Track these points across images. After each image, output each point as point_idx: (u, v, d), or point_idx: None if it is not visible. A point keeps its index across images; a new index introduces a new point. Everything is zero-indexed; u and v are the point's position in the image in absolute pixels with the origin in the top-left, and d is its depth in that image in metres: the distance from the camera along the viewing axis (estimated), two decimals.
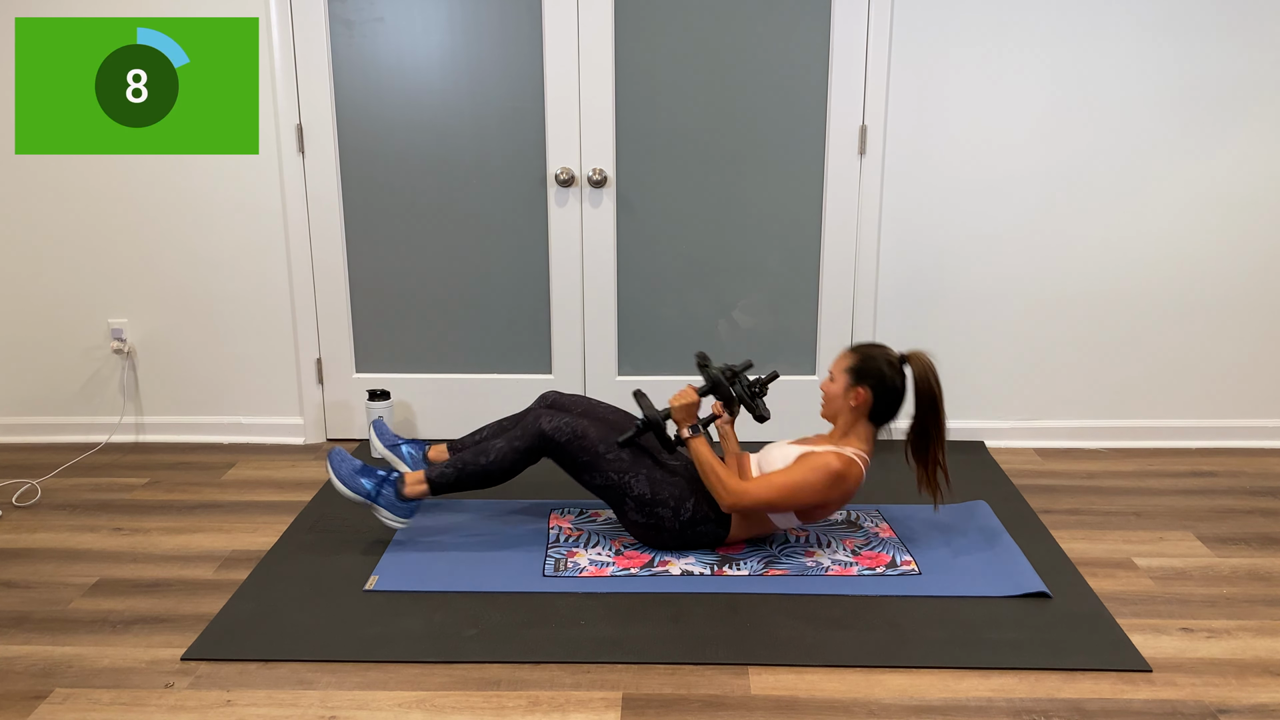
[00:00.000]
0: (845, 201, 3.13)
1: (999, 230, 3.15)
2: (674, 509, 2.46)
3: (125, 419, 3.39)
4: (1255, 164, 3.08)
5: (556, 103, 3.06)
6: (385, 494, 2.50)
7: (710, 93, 3.06)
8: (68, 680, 2.04)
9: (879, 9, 2.97)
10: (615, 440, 2.46)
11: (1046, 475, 3.09)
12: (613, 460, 2.45)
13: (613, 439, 2.46)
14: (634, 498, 2.45)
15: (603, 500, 2.54)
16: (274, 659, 2.11)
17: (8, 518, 2.82)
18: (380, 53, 3.06)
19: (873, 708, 1.94)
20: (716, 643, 2.15)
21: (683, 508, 2.46)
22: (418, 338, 3.30)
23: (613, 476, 2.45)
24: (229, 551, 2.60)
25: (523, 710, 1.94)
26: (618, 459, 2.44)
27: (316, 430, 3.38)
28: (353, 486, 2.50)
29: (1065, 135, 3.07)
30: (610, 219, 3.16)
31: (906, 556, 2.52)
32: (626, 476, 2.44)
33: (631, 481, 2.45)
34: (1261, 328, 3.22)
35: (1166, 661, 2.09)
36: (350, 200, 3.19)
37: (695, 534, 2.49)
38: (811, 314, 3.24)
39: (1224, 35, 2.98)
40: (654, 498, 2.45)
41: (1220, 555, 2.56)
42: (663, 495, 2.45)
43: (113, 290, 3.28)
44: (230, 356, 3.33)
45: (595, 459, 2.44)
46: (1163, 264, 3.17)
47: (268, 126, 3.10)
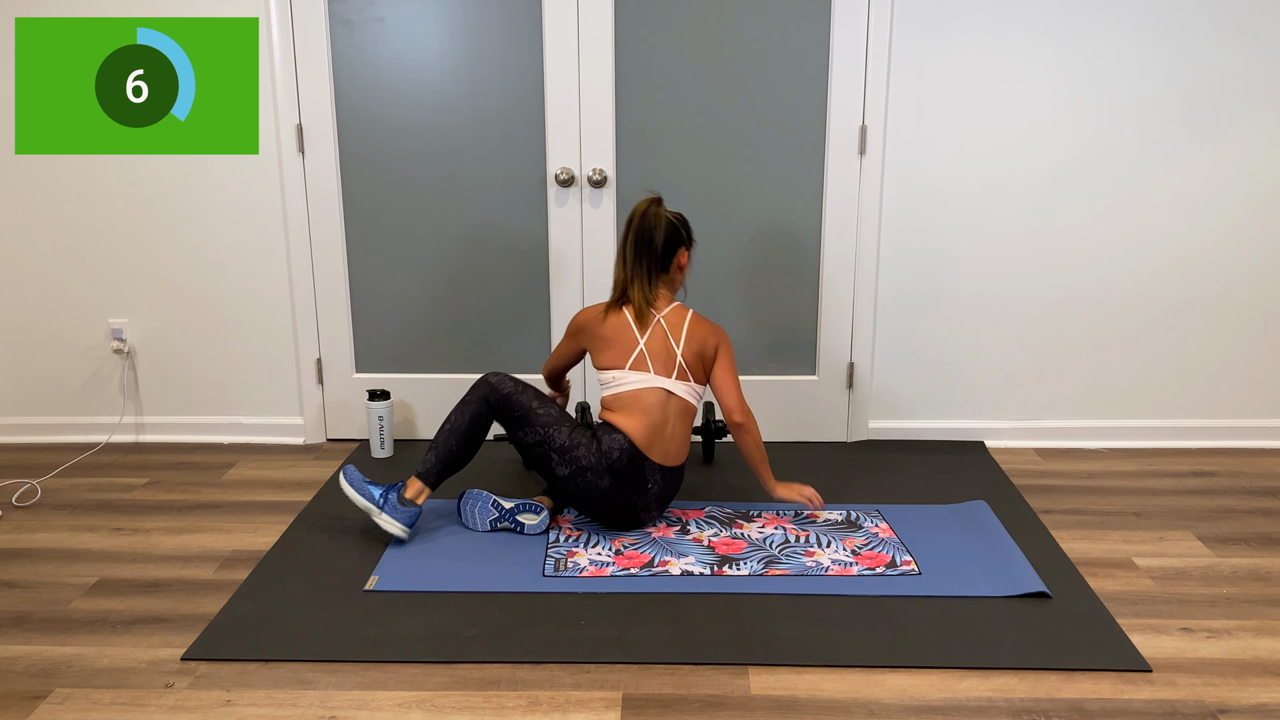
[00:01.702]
0: (845, 201, 3.13)
1: (999, 230, 3.15)
2: (592, 451, 2.58)
3: (125, 419, 3.39)
4: (1255, 164, 3.08)
5: (556, 103, 3.06)
6: (390, 499, 2.58)
7: (710, 92, 3.06)
8: (68, 680, 2.04)
9: (879, 9, 2.97)
10: (546, 399, 2.66)
11: (1046, 475, 3.09)
12: (542, 415, 2.60)
13: (544, 399, 2.65)
14: (557, 449, 2.57)
15: (533, 464, 2.68)
16: (274, 659, 2.11)
17: (8, 518, 2.82)
18: (380, 53, 3.06)
19: (873, 708, 1.94)
20: (716, 643, 2.15)
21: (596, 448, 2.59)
22: (418, 338, 3.30)
23: (539, 431, 2.59)
24: (229, 551, 2.60)
25: (523, 710, 1.94)
26: (546, 414, 2.61)
27: (316, 430, 3.38)
28: (361, 492, 2.59)
29: (1065, 135, 3.07)
30: (610, 219, 3.16)
31: (906, 556, 2.52)
32: (551, 430, 2.59)
33: (554, 434, 2.58)
34: (1262, 328, 3.22)
35: (1166, 661, 2.09)
36: (350, 200, 3.19)
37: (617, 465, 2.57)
38: (811, 314, 3.24)
39: (1223, 36, 2.98)
40: (573, 444, 2.58)
41: (1220, 555, 2.56)
42: (579, 439, 2.59)
43: (113, 290, 3.28)
44: (230, 356, 3.33)
45: (528, 413, 2.60)
46: (1163, 264, 3.17)
47: (268, 126, 3.10)
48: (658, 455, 2.59)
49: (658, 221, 2.61)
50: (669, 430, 2.60)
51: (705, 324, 2.65)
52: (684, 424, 2.64)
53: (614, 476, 2.55)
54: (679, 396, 2.61)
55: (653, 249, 2.61)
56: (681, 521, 2.73)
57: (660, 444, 2.59)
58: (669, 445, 2.61)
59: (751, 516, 2.76)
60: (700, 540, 2.61)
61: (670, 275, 2.67)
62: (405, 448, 3.30)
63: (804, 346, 3.28)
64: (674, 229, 2.64)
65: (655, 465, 2.59)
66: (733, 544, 2.59)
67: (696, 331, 2.63)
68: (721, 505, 2.84)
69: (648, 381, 2.60)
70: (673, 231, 2.63)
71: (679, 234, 2.65)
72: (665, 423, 2.59)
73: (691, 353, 2.61)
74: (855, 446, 3.30)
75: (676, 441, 2.62)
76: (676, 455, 2.63)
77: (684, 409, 2.63)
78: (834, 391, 3.30)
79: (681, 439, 2.64)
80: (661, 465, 2.60)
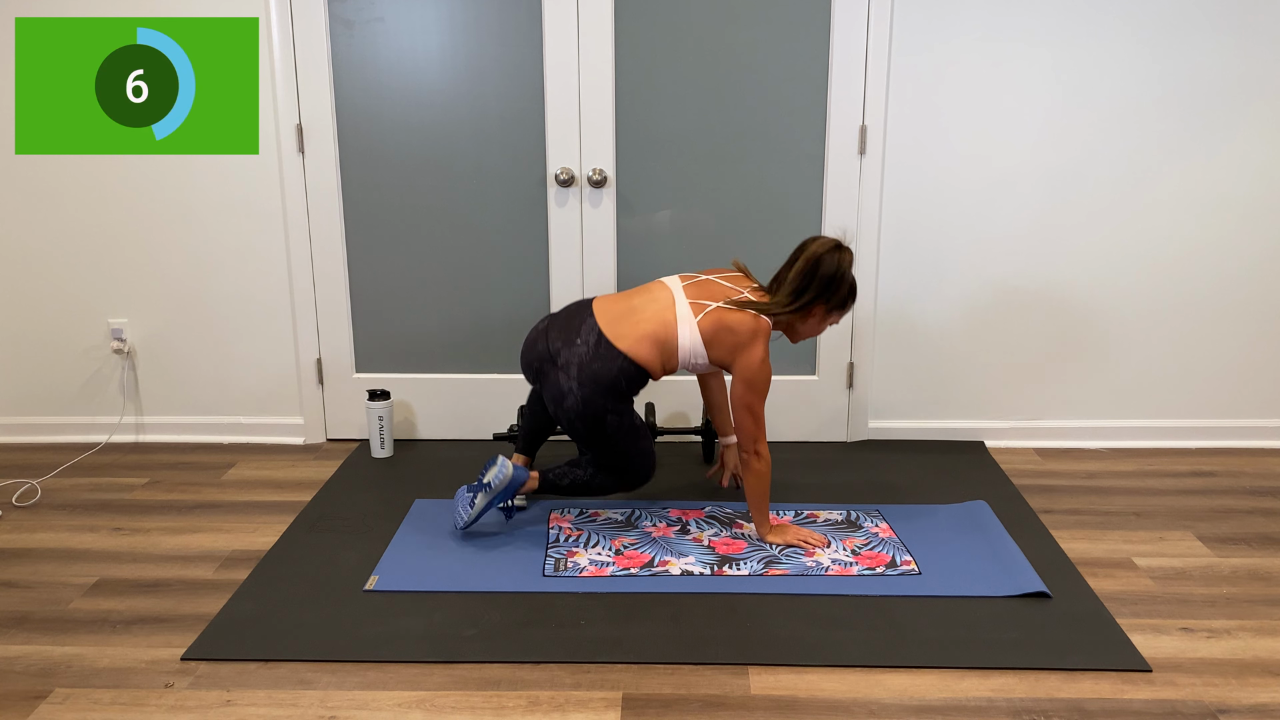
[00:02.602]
0: (845, 201, 3.13)
1: (999, 230, 3.15)
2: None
3: (125, 419, 3.39)
4: (1255, 164, 3.08)
5: (556, 103, 3.06)
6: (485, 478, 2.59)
7: (710, 92, 3.06)
8: (68, 680, 2.04)
9: (879, 9, 2.97)
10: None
11: (1046, 475, 3.09)
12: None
13: None
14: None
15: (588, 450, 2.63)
16: (274, 659, 2.11)
17: (8, 518, 2.82)
18: (380, 53, 3.06)
19: (873, 708, 1.94)
20: (716, 643, 2.15)
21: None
22: (418, 338, 3.30)
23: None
24: (229, 551, 2.60)
25: (523, 710, 1.94)
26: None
27: (316, 430, 3.38)
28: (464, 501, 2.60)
29: (1065, 135, 3.07)
30: (610, 219, 3.16)
31: (906, 556, 2.52)
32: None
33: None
34: (1261, 328, 3.22)
35: (1166, 661, 2.09)
36: (350, 200, 3.19)
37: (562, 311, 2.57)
38: None
39: (1224, 35, 2.98)
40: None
41: (1220, 555, 2.56)
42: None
43: (113, 290, 3.28)
44: (230, 356, 3.33)
45: None
46: (1163, 264, 3.17)
47: (268, 126, 3.10)
48: (607, 326, 2.49)
49: (837, 263, 2.46)
50: (639, 318, 2.50)
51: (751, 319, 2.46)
52: (658, 328, 2.48)
53: (552, 319, 2.57)
54: (675, 312, 2.48)
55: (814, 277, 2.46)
56: (681, 521, 2.73)
57: (624, 325, 2.49)
58: (628, 328, 2.49)
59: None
60: (700, 540, 2.61)
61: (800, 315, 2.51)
62: (405, 448, 3.29)
63: (804, 346, 3.28)
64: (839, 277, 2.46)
65: (595, 326, 2.49)
66: (733, 544, 2.59)
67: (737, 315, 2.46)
68: (721, 505, 2.84)
69: (664, 282, 2.57)
70: (836, 280, 2.46)
71: (838, 290, 2.48)
72: (639, 312, 2.51)
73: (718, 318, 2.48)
74: (855, 446, 3.30)
75: (635, 336, 2.48)
76: (629, 344, 2.48)
77: (665, 321, 2.49)
78: (834, 391, 3.30)
79: (640, 336, 2.48)
80: (603, 334, 2.48)
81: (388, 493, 2.94)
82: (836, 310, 2.53)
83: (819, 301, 2.49)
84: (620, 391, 2.50)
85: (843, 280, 2.48)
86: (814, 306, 2.50)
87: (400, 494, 2.92)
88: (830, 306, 2.51)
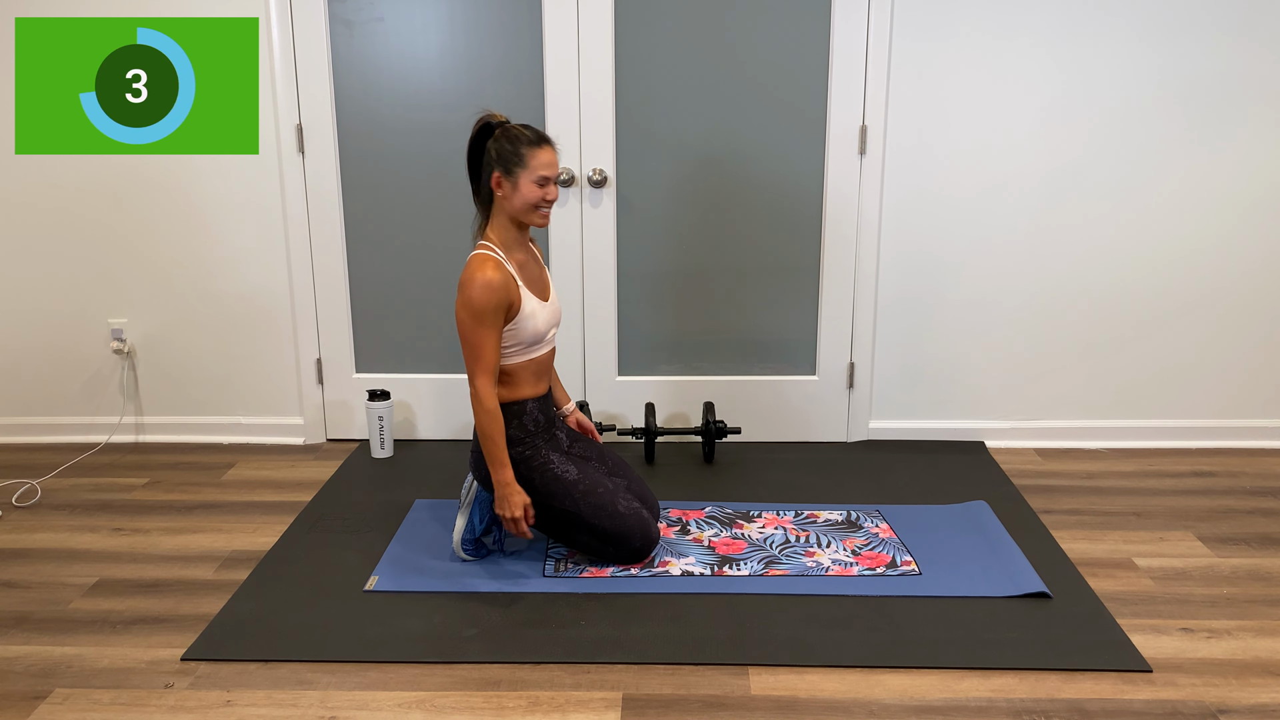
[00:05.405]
0: (845, 201, 3.13)
1: (999, 230, 3.15)
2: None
3: (125, 419, 3.39)
4: (1255, 164, 3.08)
5: (556, 103, 3.06)
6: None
7: (710, 93, 3.06)
8: (68, 680, 2.04)
9: (879, 9, 2.96)
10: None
11: (1046, 475, 3.09)
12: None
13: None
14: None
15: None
16: (274, 659, 2.11)
17: (8, 518, 2.82)
18: (380, 53, 3.06)
19: (873, 708, 1.94)
20: (716, 643, 2.15)
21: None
22: (418, 338, 3.30)
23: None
24: (229, 551, 2.60)
25: (523, 710, 1.94)
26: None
27: (316, 430, 3.38)
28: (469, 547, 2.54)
29: (1065, 135, 3.06)
30: (610, 219, 3.16)
31: (906, 556, 2.52)
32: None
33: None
34: (1262, 328, 3.22)
35: (1166, 661, 2.09)
36: (350, 200, 3.19)
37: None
38: (811, 314, 3.24)
39: (1224, 35, 2.97)
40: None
41: (1220, 555, 2.56)
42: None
43: (113, 290, 3.28)
44: (230, 356, 3.33)
45: None
46: (1163, 264, 3.17)
47: (268, 126, 3.10)
48: None
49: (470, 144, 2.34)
50: None
51: (464, 273, 2.33)
52: None
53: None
54: None
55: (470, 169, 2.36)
56: (681, 522, 2.73)
57: None
58: None
59: (752, 517, 2.76)
60: (700, 540, 2.61)
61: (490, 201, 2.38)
62: (405, 448, 3.29)
63: (804, 346, 3.28)
64: (475, 148, 2.34)
65: None
66: (733, 544, 2.59)
67: None
68: (721, 505, 2.84)
69: None
70: (477, 152, 2.34)
71: (486, 155, 2.33)
72: None
73: None
74: (855, 446, 3.30)
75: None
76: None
77: None
78: (834, 391, 3.30)
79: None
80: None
81: (388, 493, 2.94)
82: (513, 165, 2.29)
83: (492, 172, 2.32)
84: (510, 438, 2.40)
85: (489, 145, 2.32)
86: (492, 181, 2.32)
87: (400, 494, 2.92)
88: (502, 168, 2.30)
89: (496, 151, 2.31)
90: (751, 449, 3.26)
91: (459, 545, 2.50)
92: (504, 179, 2.32)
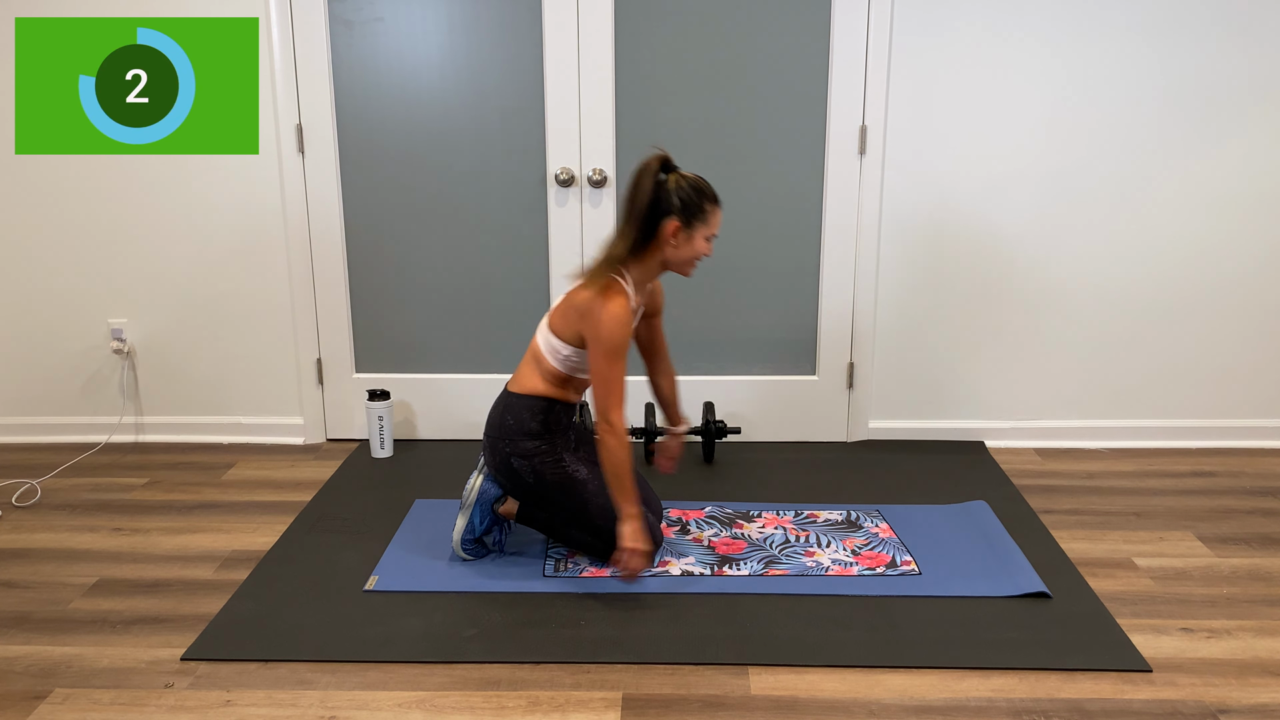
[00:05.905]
0: (845, 201, 3.13)
1: (999, 230, 3.15)
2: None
3: (125, 419, 3.39)
4: (1255, 164, 3.08)
5: (556, 103, 3.06)
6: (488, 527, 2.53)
7: (710, 92, 3.06)
8: (68, 680, 2.04)
9: (879, 8, 2.97)
10: None
11: (1046, 475, 3.09)
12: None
13: None
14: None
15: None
16: (274, 659, 2.11)
17: (8, 518, 2.82)
18: (380, 53, 3.06)
19: (873, 708, 1.94)
20: (716, 643, 2.15)
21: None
22: (418, 338, 3.30)
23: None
24: (229, 551, 2.60)
25: (523, 710, 1.94)
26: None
27: (316, 430, 3.38)
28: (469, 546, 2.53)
29: (1065, 135, 3.06)
30: (610, 219, 3.16)
31: (906, 556, 2.52)
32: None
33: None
34: (1262, 328, 3.22)
35: (1166, 661, 2.09)
36: (350, 200, 3.19)
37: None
38: (811, 314, 3.24)
39: (1225, 35, 2.97)
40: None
41: (1220, 555, 2.56)
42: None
43: (113, 290, 3.27)
44: (230, 356, 3.33)
45: None
46: (1163, 264, 3.17)
47: (268, 126, 3.10)
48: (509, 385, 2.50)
49: (643, 177, 2.27)
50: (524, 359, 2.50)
51: (595, 288, 2.32)
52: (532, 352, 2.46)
53: None
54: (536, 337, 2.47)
55: (633, 208, 2.29)
56: (681, 522, 2.73)
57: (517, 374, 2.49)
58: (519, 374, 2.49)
59: (752, 517, 2.76)
60: (700, 540, 2.61)
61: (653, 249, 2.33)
62: (405, 448, 3.29)
63: (804, 346, 3.28)
64: (660, 188, 2.27)
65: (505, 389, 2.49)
66: (733, 544, 2.59)
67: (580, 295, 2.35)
68: (721, 505, 2.84)
69: None
70: (659, 192, 2.27)
71: (667, 198, 2.28)
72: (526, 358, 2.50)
73: (563, 303, 2.42)
74: (855, 446, 3.30)
75: (523, 375, 2.47)
76: (519, 384, 2.46)
77: (533, 343, 2.47)
78: (834, 391, 3.30)
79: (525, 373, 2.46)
80: (504, 389, 2.49)
81: (388, 493, 2.94)
82: (695, 221, 2.29)
83: (664, 219, 2.28)
84: (531, 430, 2.42)
85: (671, 188, 2.27)
86: (662, 227, 2.28)
87: (400, 494, 2.92)
88: (683, 218, 2.28)
89: (681, 199, 2.27)
90: (751, 449, 3.26)
91: (459, 545, 2.50)
92: (681, 229, 2.29)
